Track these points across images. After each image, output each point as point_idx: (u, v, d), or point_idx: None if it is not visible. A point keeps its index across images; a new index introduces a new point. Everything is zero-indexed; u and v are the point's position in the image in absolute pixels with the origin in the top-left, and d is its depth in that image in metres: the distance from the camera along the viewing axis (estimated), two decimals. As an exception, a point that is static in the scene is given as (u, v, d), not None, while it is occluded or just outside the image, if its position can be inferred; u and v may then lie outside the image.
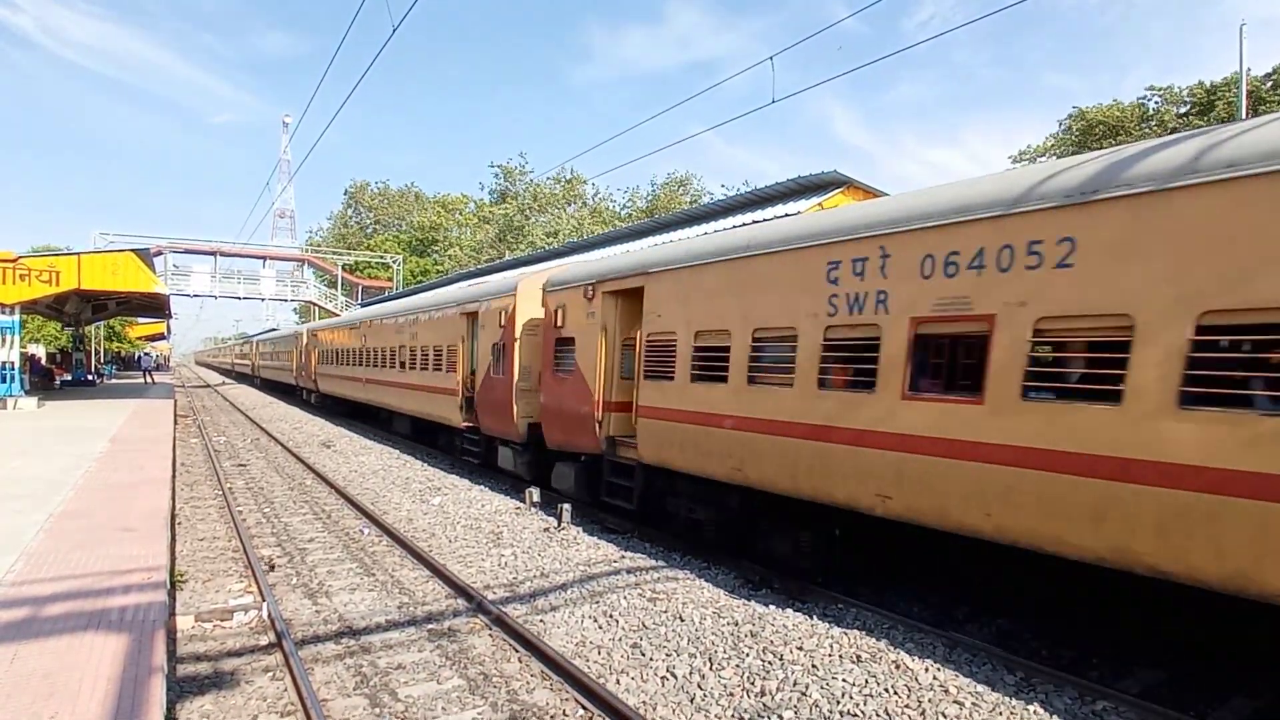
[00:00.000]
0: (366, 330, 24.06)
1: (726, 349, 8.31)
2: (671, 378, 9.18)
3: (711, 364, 8.55)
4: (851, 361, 6.95)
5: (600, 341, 10.71)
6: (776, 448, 7.56)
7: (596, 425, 10.62)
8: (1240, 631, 5.44)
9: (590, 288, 10.98)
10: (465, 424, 15.50)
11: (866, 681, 5.63)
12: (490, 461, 14.58)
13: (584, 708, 5.41)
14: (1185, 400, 4.57)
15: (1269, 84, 38.48)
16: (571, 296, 11.53)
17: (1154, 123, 42.96)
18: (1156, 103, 44.89)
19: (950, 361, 6.74)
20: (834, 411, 6.96)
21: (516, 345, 13.05)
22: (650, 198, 60.59)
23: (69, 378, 37.83)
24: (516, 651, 6.43)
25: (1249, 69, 29.11)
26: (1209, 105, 40.71)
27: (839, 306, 6.98)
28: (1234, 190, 4.48)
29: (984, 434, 5.67)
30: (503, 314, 13.63)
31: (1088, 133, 44.35)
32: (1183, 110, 42.94)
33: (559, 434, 11.79)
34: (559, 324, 11.75)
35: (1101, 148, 5.90)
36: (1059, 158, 6.39)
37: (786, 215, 12.11)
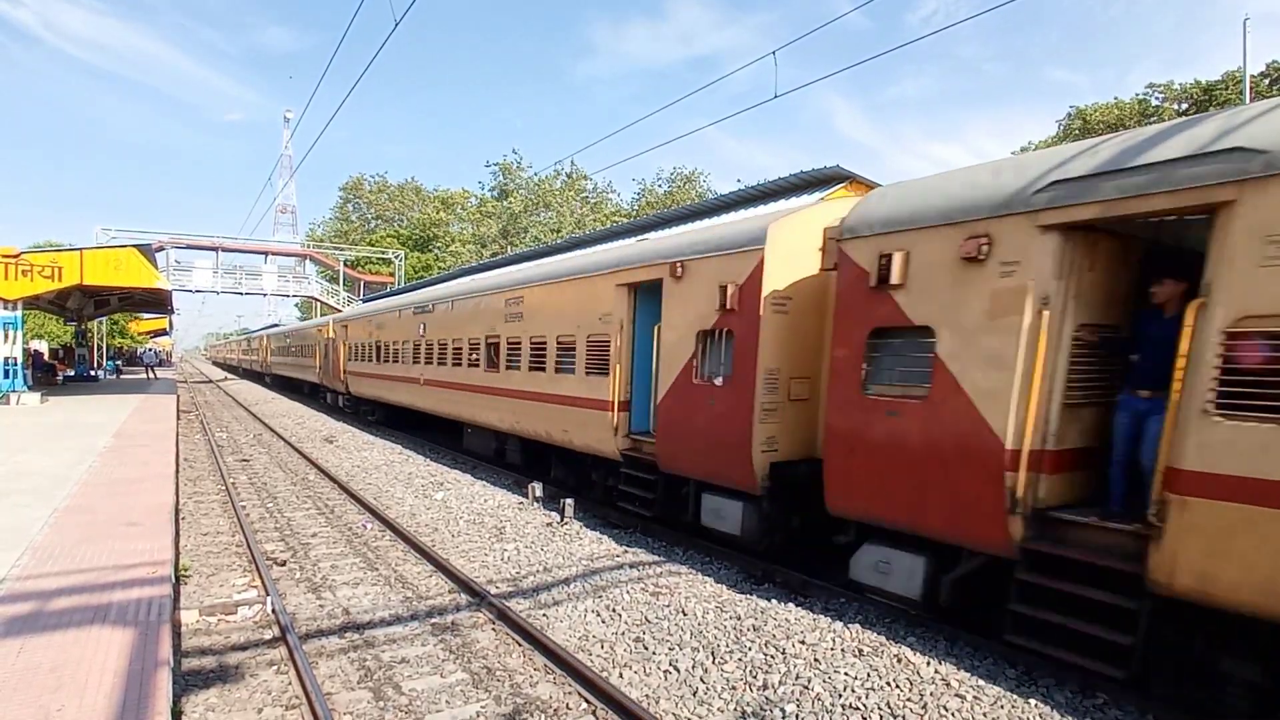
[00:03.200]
0: (426, 318, 18.79)
1: None
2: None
3: None
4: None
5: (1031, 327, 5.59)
6: None
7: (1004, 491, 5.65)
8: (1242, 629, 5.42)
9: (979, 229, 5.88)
10: (625, 452, 10.54)
11: (869, 675, 5.65)
12: (675, 513, 9.78)
13: (587, 701, 5.44)
14: None
15: (1266, 81, 38.35)
16: (921, 243, 6.36)
17: (1154, 120, 42.83)
18: (1158, 99, 44.76)
19: None
20: None
21: (761, 332, 8.09)
22: (665, 193, 60.54)
23: (72, 373, 37.89)
24: (519, 645, 6.46)
25: (1239, 68, 29.03)
26: (1205, 104, 40.58)
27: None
28: None
29: None
30: (730, 283, 8.45)
31: (1087, 132, 44.23)
32: (1183, 107, 42.80)
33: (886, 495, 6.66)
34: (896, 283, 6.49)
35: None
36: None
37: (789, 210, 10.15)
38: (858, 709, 5.19)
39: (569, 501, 10.94)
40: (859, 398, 6.82)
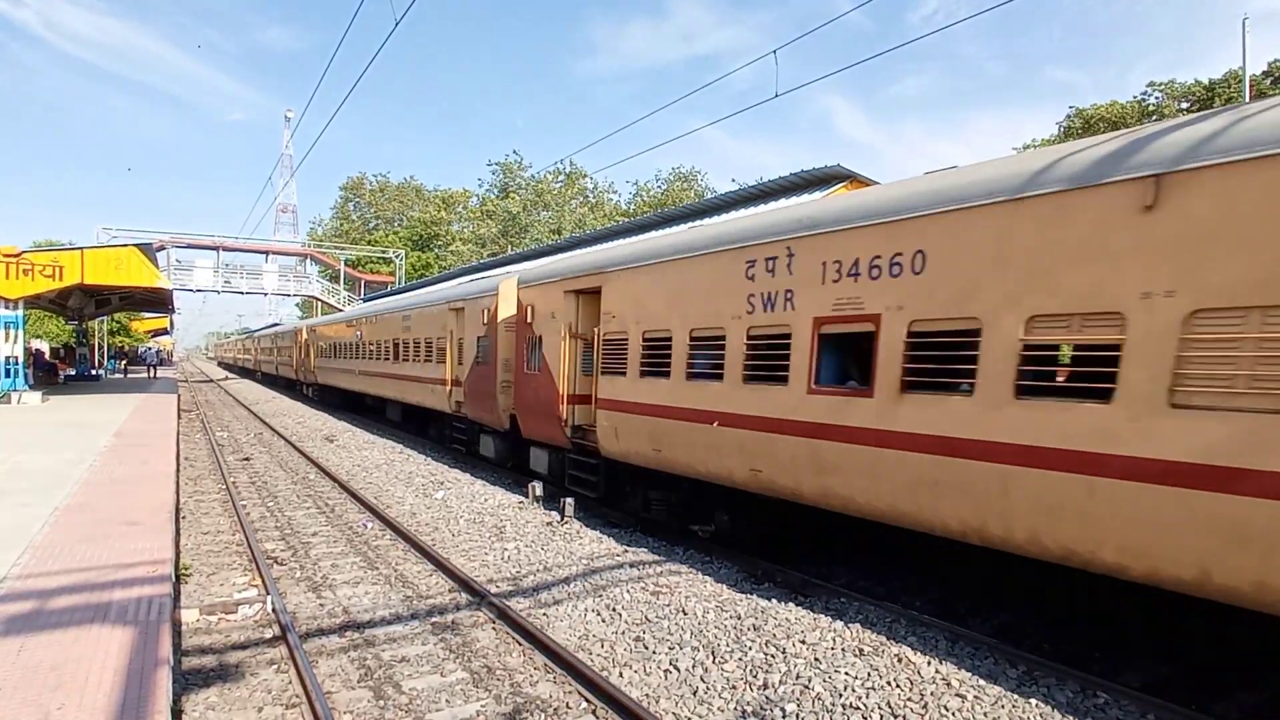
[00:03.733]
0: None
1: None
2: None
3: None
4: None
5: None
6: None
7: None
8: (1243, 627, 5.44)
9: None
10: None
11: (869, 674, 5.65)
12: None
13: (587, 700, 5.44)
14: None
15: (1268, 80, 38.31)
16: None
17: (1155, 119, 42.78)
18: (1157, 98, 44.71)
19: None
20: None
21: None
22: (661, 193, 60.44)
23: (73, 372, 37.91)
24: (520, 644, 6.46)
25: (1240, 67, 29.00)
26: (1208, 102, 40.53)
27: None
28: None
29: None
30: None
31: (1087, 131, 44.20)
32: (1184, 106, 42.75)
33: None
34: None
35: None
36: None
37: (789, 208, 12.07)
38: (858, 708, 5.19)
39: (569, 501, 10.95)
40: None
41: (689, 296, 8.93)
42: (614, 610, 7.18)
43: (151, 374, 49.21)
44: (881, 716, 5.09)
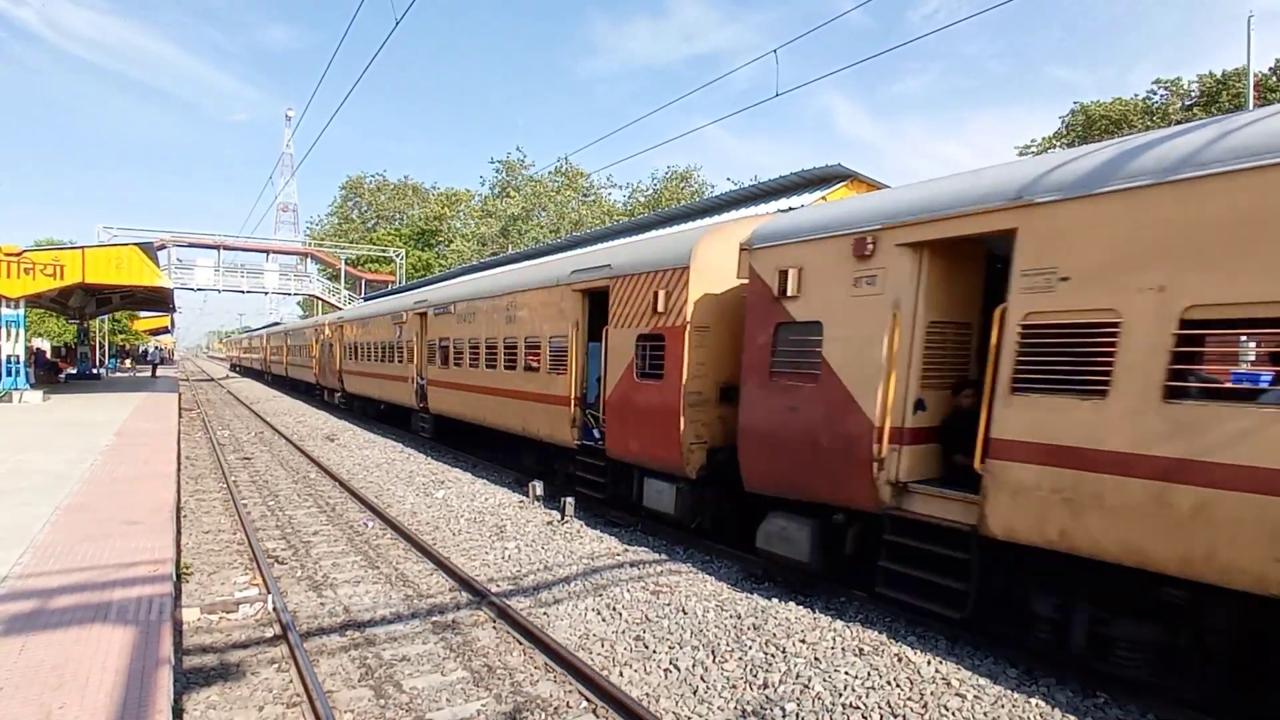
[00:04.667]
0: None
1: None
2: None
3: None
4: None
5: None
6: None
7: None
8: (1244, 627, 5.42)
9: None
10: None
11: (869, 674, 5.65)
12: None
13: (587, 700, 5.45)
14: None
15: (1275, 78, 38.18)
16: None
17: (1158, 117, 42.68)
18: (1161, 96, 44.58)
19: None
20: None
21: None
22: (653, 192, 60.33)
23: (74, 371, 37.94)
24: (520, 644, 6.46)
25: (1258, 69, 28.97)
26: (1215, 96, 40.41)
27: None
28: None
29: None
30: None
31: (1089, 127, 44.10)
32: (1189, 103, 42.63)
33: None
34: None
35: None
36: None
37: (791, 208, 10.35)
38: (858, 708, 5.19)
39: (569, 500, 10.95)
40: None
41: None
42: (614, 609, 7.19)
43: (153, 373, 49.26)
44: (881, 716, 5.10)
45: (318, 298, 56.58)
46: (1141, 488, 4.87)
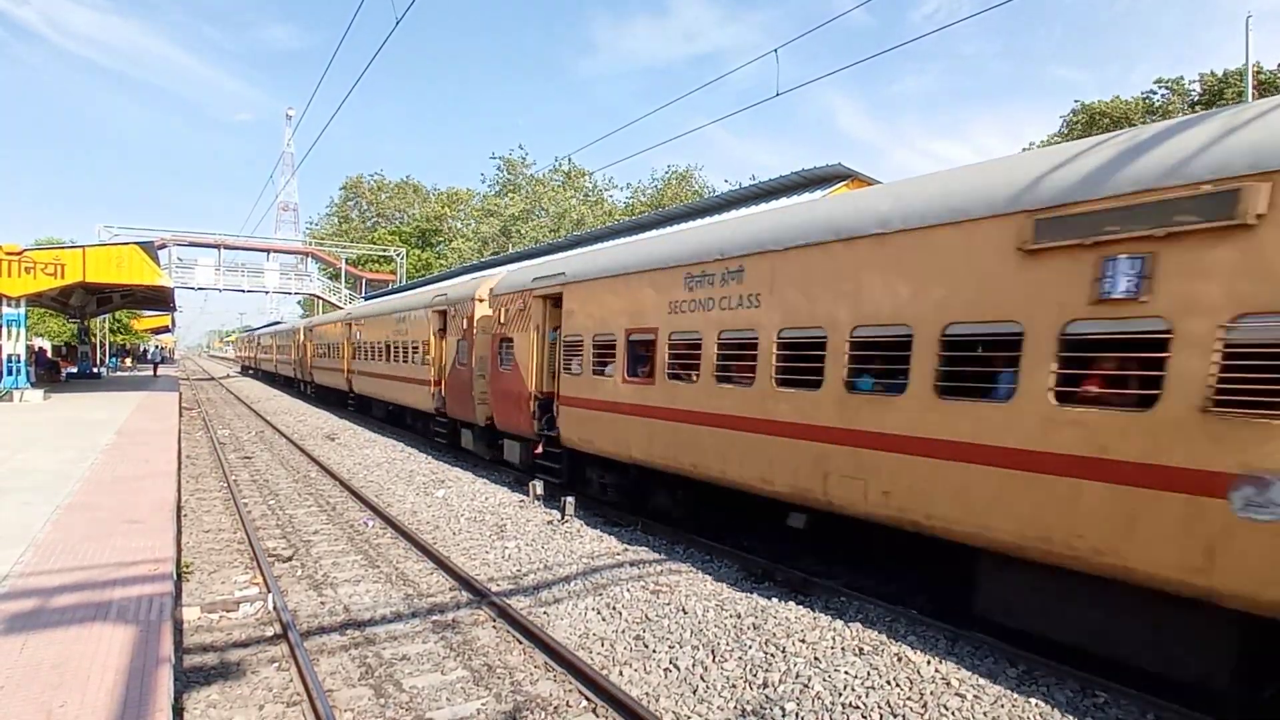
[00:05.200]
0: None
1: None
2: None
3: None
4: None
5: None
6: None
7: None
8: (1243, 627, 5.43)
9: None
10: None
11: (869, 674, 5.66)
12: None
13: (587, 699, 5.45)
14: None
15: None
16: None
17: (1159, 116, 42.63)
18: (1163, 96, 44.54)
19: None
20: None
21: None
22: (654, 193, 60.33)
23: (74, 370, 37.97)
24: (520, 643, 6.47)
25: (1257, 61, 28.96)
26: (1219, 94, 40.36)
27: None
28: None
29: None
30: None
31: (1091, 125, 44.06)
32: (1191, 103, 42.58)
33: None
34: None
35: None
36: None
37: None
38: (857, 707, 5.20)
39: (569, 500, 10.96)
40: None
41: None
42: (614, 609, 7.19)
43: (154, 372, 49.30)
44: (881, 715, 5.10)
45: (318, 297, 56.62)
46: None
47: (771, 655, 6.02)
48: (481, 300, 15.38)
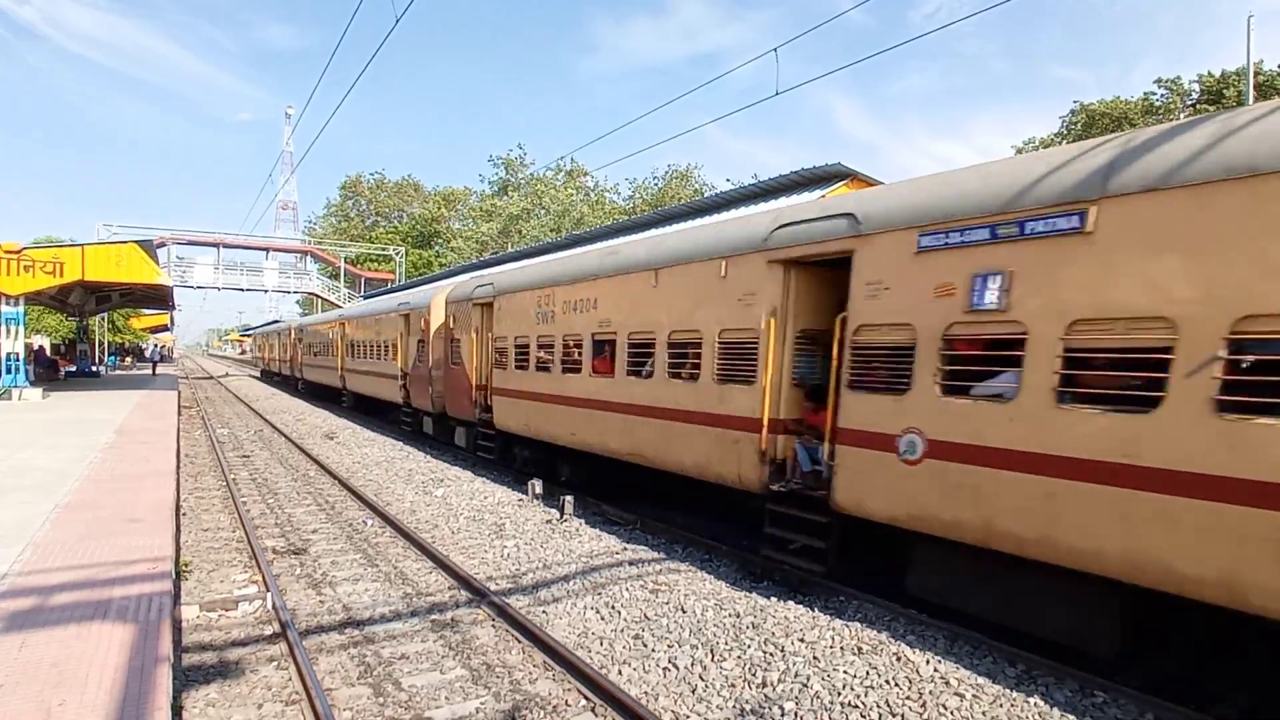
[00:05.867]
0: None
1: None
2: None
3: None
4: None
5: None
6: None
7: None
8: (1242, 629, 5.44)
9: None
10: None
11: (868, 673, 5.66)
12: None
13: (586, 698, 5.45)
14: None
15: None
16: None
17: (1159, 116, 42.63)
18: (1162, 96, 44.54)
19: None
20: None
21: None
22: (657, 190, 60.34)
23: (73, 369, 37.94)
24: (519, 642, 6.47)
25: (1260, 60, 28.97)
26: (1218, 95, 40.37)
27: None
28: None
29: None
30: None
31: (1091, 126, 44.07)
32: (1190, 102, 42.58)
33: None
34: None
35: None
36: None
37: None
38: (856, 707, 5.20)
39: (569, 499, 10.97)
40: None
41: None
42: (613, 608, 7.19)
43: (153, 370, 49.26)
44: (880, 715, 5.10)
45: (317, 296, 56.61)
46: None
47: (770, 654, 6.02)
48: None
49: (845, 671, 5.68)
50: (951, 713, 5.12)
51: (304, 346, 36.38)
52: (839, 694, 5.36)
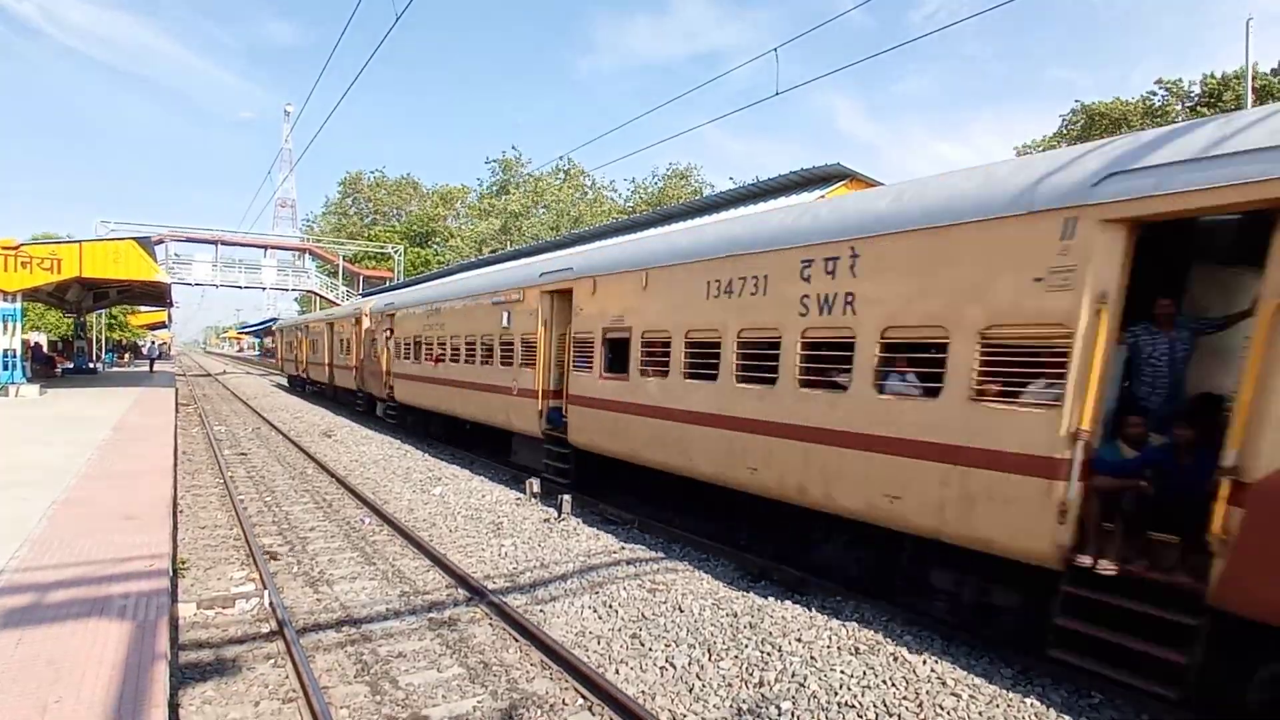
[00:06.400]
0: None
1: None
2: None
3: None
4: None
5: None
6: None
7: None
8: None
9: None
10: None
11: (864, 673, 5.66)
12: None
13: (583, 697, 5.45)
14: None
15: (1277, 78, 38.19)
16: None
17: (1159, 117, 42.67)
18: (1163, 97, 44.58)
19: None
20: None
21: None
22: (658, 190, 60.34)
23: (70, 365, 37.87)
24: (517, 641, 6.47)
25: (1255, 63, 29.02)
26: (1218, 97, 40.40)
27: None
28: None
29: None
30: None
31: (1091, 127, 44.11)
32: (1190, 104, 42.61)
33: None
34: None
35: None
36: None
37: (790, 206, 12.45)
38: (853, 706, 5.20)
39: (567, 498, 10.97)
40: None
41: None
42: (610, 607, 7.19)
43: (150, 368, 49.19)
44: (877, 715, 5.11)
45: (316, 293, 56.51)
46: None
47: (768, 654, 6.03)
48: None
49: (842, 671, 5.69)
50: (948, 713, 5.13)
51: (402, 344, 21.23)
52: (836, 694, 5.37)
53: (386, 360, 21.57)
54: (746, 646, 6.18)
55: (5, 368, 23.84)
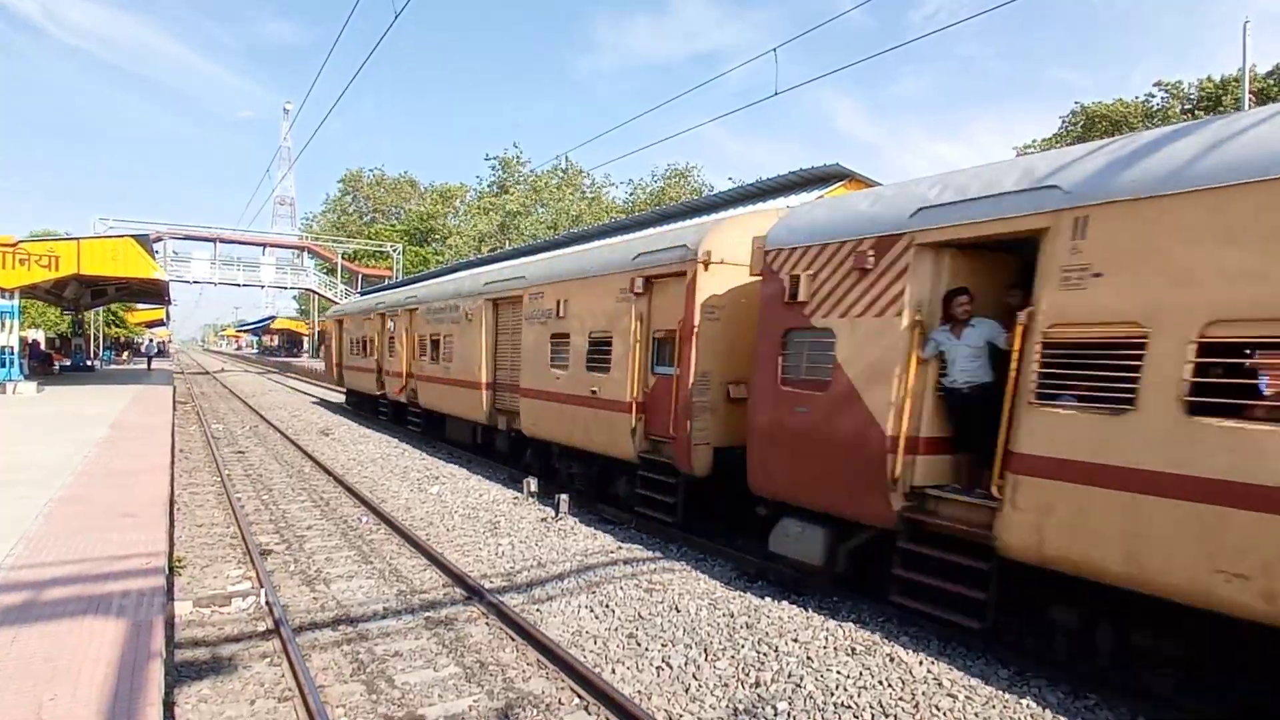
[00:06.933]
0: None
1: None
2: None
3: None
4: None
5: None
6: None
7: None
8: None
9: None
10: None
11: (861, 674, 5.67)
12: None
13: (579, 696, 5.45)
14: None
15: (1272, 79, 38.29)
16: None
17: (1158, 119, 42.72)
18: (1161, 99, 44.64)
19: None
20: None
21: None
22: (658, 190, 60.35)
23: (68, 363, 37.83)
24: (513, 640, 6.47)
25: (1253, 65, 29.06)
26: (1216, 99, 40.47)
27: None
28: None
29: None
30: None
31: (1090, 127, 44.17)
32: (1189, 106, 42.67)
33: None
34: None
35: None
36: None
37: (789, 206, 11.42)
38: (849, 707, 5.21)
39: (564, 497, 10.96)
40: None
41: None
42: (607, 607, 7.19)
43: (148, 365, 49.13)
44: (873, 715, 5.11)
45: (314, 292, 56.48)
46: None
47: (764, 654, 6.03)
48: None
49: (839, 672, 5.69)
50: (944, 714, 5.13)
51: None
52: (832, 694, 5.37)
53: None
54: (743, 646, 6.19)
55: (3, 365, 23.84)
